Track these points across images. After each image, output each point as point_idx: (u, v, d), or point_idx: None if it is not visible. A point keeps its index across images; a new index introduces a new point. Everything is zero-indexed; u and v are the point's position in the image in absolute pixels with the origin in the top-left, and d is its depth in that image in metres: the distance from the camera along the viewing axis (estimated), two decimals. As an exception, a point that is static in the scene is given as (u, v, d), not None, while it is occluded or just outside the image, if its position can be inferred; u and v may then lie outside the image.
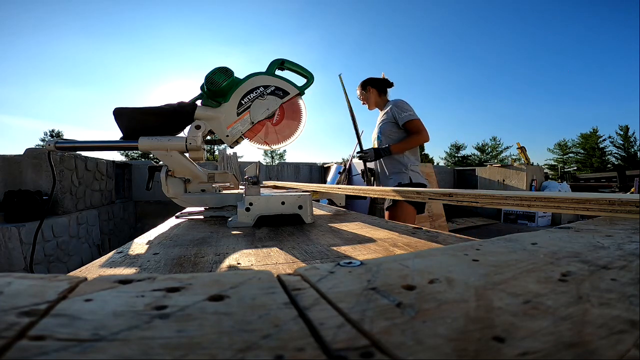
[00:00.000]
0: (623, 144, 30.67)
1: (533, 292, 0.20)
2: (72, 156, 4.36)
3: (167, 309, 0.18)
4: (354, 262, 0.26)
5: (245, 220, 0.94)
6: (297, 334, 0.15)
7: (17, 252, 3.30)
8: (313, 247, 0.66)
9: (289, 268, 0.52)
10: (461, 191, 0.76)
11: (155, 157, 1.08)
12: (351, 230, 0.84)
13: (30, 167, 3.97)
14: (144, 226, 5.96)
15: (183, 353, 0.14)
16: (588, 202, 0.52)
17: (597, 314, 0.17)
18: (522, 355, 0.13)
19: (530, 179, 7.31)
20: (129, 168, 6.34)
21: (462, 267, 0.25)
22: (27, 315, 0.17)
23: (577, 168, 28.73)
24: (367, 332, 0.16)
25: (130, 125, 1.08)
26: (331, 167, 5.86)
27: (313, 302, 0.19)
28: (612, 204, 0.49)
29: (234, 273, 0.25)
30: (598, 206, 0.50)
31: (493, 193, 0.67)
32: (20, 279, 0.23)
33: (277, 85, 1.13)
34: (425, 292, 0.20)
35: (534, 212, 6.71)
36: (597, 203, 0.50)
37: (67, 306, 0.19)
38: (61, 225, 3.97)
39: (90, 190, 4.80)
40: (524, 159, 8.60)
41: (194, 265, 0.55)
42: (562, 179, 11.96)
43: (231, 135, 1.12)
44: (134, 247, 0.70)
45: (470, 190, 0.78)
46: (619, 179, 9.11)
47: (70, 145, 1.09)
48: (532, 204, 0.59)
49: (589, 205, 0.51)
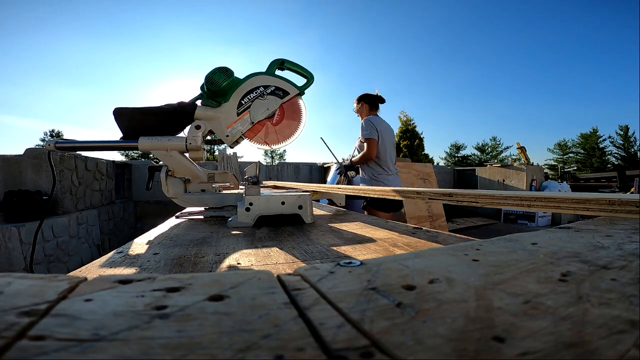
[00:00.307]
0: (623, 144, 30.66)
1: (533, 292, 0.20)
2: (72, 156, 4.36)
3: (167, 309, 0.18)
4: (354, 262, 0.26)
5: (245, 220, 0.94)
6: (297, 334, 0.15)
7: (17, 252, 3.30)
8: (313, 247, 0.66)
9: (289, 268, 0.52)
10: (461, 191, 0.76)
11: (155, 157, 1.08)
12: (351, 230, 0.84)
13: (30, 167, 3.97)
14: (144, 226, 5.96)
15: (183, 353, 0.14)
16: (588, 202, 0.52)
17: (597, 314, 0.17)
18: (522, 355, 0.13)
19: (530, 179, 7.31)
20: (129, 168, 6.34)
21: (462, 267, 0.25)
22: (27, 315, 0.17)
23: (577, 168, 28.72)
24: (367, 332, 0.16)
25: (130, 125, 1.08)
26: (331, 167, 5.86)
27: (313, 302, 0.19)
28: (612, 204, 0.49)
29: (234, 273, 0.25)
30: (598, 206, 0.50)
31: (493, 193, 0.67)
32: (20, 279, 0.23)
33: (277, 85, 1.13)
34: (425, 292, 0.20)
35: (534, 212, 6.71)
36: (597, 203, 0.50)
37: (67, 306, 0.19)
38: (61, 225, 3.97)
39: (90, 190, 4.80)
40: (524, 159, 8.61)
41: (194, 265, 0.55)
42: (562, 179, 11.96)
43: (231, 135, 1.12)
44: (134, 247, 0.70)
45: (470, 190, 0.78)
46: (619, 179, 9.11)
47: (70, 145, 1.09)
48: (532, 204, 0.59)
49: (589, 205, 0.51)
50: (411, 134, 20.15)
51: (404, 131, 20.25)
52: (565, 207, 0.55)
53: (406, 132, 20.17)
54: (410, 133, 20.15)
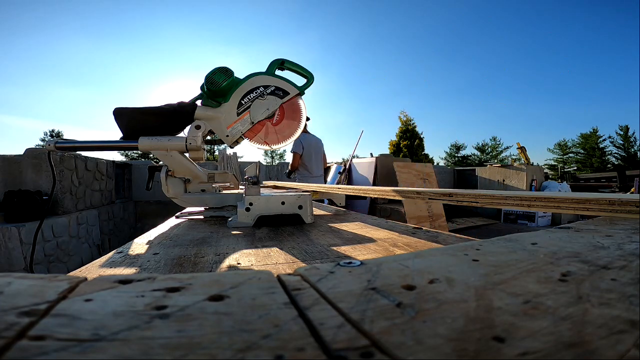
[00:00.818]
0: (623, 144, 30.65)
1: (533, 292, 0.20)
2: (72, 156, 4.36)
3: (167, 309, 0.18)
4: (354, 262, 0.26)
5: (245, 220, 0.94)
6: (297, 334, 0.15)
7: (17, 252, 3.30)
8: (313, 247, 0.66)
9: (289, 268, 0.52)
10: (461, 191, 0.76)
11: (155, 157, 1.08)
12: (351, 230, 0.84)
13: (30, 167, 3.97)
14: (144, 226, 5.96)
15: (183, 353, 0.14)
16: (588, 202, 0.52)
17: (597, 314, 0.17)
18: (522, 355, 0.13)
19: (530, 179, 7.30)
20: (129, 168, 6.34)
21: (462, 267, 0.25)
22: (27, 315, 0.17)
23: (577, 168, 28.72)
24: (367, 332, 0.16)
25: (130, 125, 1.08)
26: (331, 167, 5.87)
27: (313, 302, 0.19)
28: (612, 204, 0.49)
29: (234, 273, 0.25)
30: (598, 206, 0.50)
31: (493, 193, 0.67)
32: (20, 279, 0.23)
33: (277, 85, 1.13)
34: (425, 292, 0.20)
35: (534, 212, 6.71)
36: (597, 203, 0.50)
37: (67, 306, 0.19)
38: (61, 225, 3.97)
39: (90, 190, 4.80)
40: (524, 159, 8.60)
41: (194, 265, 0.55)
42: (562, 179, 11.96)
43: (231, 135, 1.12)
44: (134, 247, 0.70)
45: (470, 190, 0.78)
46: (619, 179, 9.11)
47: (70, 145, 1.09)
48: (532, 204, 0.59)
49: (589, 205, 0.51)
50: (411, 134, 20.14)
51: (403, 131, 20.24)
52: (565, 207, 0.55)
53: (406, 132, 20.17)
54: (410, 133, 20.14)
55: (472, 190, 0.78)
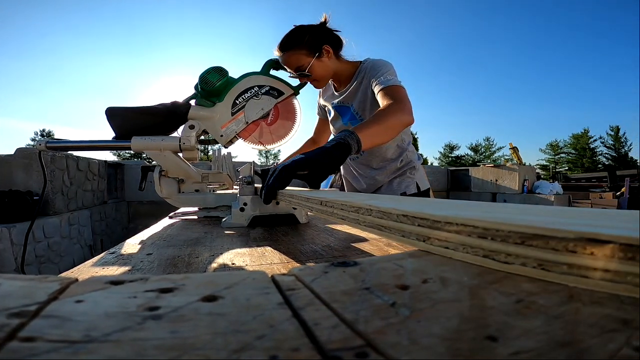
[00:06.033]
0: (614, 144, 31.10)
1: (525, 291, 0.20)
2: (64, 156, 4.30)
3: (160, 309, 0.18)
4: (348, 262, 0.26)
5: (240, 221, 0.93)
6: (292, 335, 0.15)
7: (8, 253, 3.25)
8: (307, 247, 0.66)
9: (283, 268, 0.52)
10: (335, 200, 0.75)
11: (149, 157, 1.07)
12: (346, 230, 0.84)
13: (20, 167, 3.91)
14: (137, 226, 5.91)
15: (177, 354, 0.14)
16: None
17: (588, 313, 0.17)
18: (515, 354, 0.13)
19: (522, 179, 7.38)
20: (122, 168, 6.27)
21: (456, 266, 0.25)
22: (17, 316, 0.17)
23: (568, 168, 29.06)
24: (361, 332, 0.16)
25: (123, 125, 1.06)
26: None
27: (307, 303, 0.19)
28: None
29: (228, 273, 0.24)
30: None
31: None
32: (11, 280, 0.23)
33: (271, 85, 1.13)
34: (419, 291, 0.21)
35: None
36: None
37: (58, 307, 0.18)
38: (52, 226, 3.91)
39: (82, 191, 4.74)
40: (516, 159, 8.69)
41: (187, 265, 0.55)
42: (554, 179, 12.10)
43: (225, 135, 1.12)
44: (126, 247, 0.70)
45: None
46: (609, 179, 9.24)
47: (62, 145, 1.08)
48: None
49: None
50: (405, 135, 20.16)
51: (398, 131, 20.24)
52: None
53: (400, 133, 20.18)
54: (404, 133, 20.16)
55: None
